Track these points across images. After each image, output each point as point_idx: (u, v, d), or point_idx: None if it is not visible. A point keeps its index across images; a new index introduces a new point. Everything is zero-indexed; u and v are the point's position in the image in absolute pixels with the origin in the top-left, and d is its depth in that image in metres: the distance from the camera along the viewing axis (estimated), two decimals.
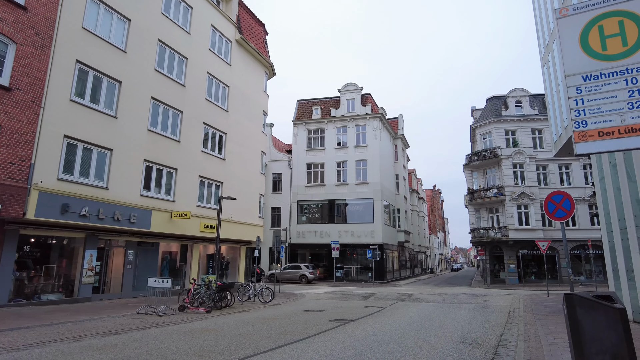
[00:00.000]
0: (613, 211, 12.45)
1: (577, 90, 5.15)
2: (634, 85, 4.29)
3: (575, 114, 4.91)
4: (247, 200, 23.94)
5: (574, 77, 5.16)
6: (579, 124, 4.93)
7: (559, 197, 7.34)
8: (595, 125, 4.58)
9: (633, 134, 4.15)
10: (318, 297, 21.10)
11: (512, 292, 24.67)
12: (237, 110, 23.78)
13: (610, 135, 4.36)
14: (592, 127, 4.63)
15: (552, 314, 13.39)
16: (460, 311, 14.74)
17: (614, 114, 4.39)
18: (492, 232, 33.11)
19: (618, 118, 4.29)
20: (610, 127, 4.39)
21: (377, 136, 37.93)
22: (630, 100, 4.27)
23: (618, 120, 4.29)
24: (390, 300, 19.31)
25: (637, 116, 4.17)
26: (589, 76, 4.83)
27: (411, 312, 14.27)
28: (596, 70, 4.83)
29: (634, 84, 4.30)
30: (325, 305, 16.67)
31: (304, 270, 33.35)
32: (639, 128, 4.13)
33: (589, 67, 4.96)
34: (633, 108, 4.22)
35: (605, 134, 4.43)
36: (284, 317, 12.88)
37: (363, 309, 15.31)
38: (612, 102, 4.48)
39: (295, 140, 40.01)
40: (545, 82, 20.38)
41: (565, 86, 4.97)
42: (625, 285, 11.90)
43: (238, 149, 23.49)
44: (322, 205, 38.09)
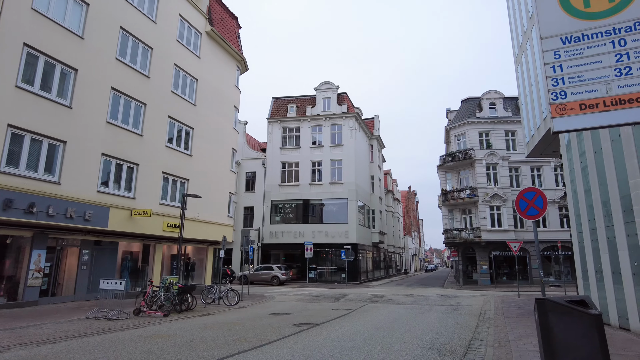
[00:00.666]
0: (583, 212, 12.27)
1: (554, 56, 4.38)
2: (622, 48, 3.71)
3: (552, 83, 4.25)
4: (216, 198, 23.05)
5: (552, 39, 4.44)
6: (557, 95, 4.25)
7: (531, 194, 6.93)
8: (577, 96, 3.93)
9: (621, 106, 3.55)
10: (288, 299, 20.43)
11: (484, 294, 24.60)
12: (206, 104, 22.86)
13: (594, 108, 3.74)
14: (573, 99, 3.97)
15: (522, 315, 13.13)
16: (430, 314, 14.34)
17: (599, 82, 3.78)
18: (465, 233, 33.16)
19: (603, 87, 3.70)
20: (594, 99, 3.77)
21: (353, 136, 37.54)
22: (617, 66, 3.68)
23: (603, 90, 3.69)
24: (361, 302, 18.82)
25: (625, 85, 3.59)
26: (568, 38, 4.16)
27: (380, 315, 13.77)
28: (577, 31, 4.21)
29: (622, 47, 3.71)
30: (293, 308, 16.02)
31: (276, 271, 32.59)
32: (628, 99, 3.52)
33: (569, 28, 4.27)
34: (621, 75, 3.63)
35: (588, 107, 3.79)
36: (246, 321, 12.16)
37: (331, 312, 14.73)
38: (596, 69, 3.84)
39: (269, 138, 39.19)
40: (519, 83, 20.33)
41: (541, 50, 4.38)
42: (594, 286, 11.72)
43: (206, 145, 22.57)
44: (297, 205, 37.39)
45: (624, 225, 9.65)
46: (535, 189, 7.03)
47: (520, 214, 7.11)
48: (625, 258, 9.62)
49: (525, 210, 6.94)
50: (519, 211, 7.08)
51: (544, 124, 16.26)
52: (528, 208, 6.90)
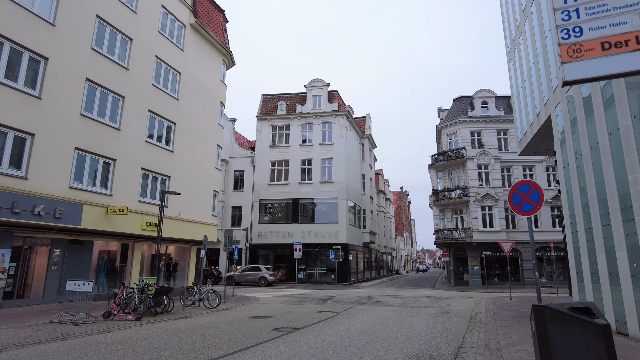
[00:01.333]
0: (578, 211, 11.70)
1: None
2: None
3: (563, 17, 3.15)
4: (199, 197, 22.24)
5: None
6: (569, 33, 3.14)
7: (525, 188, 6.28)
8: (597, 32, 2.89)
9: None
10: (273, 300, 19.71)
11: (475, 295, 24.05)
12: (189, 99, 22.06)
13: (622, 47, 2.79)
14: (592, 36, 2.94)
15: (514, 319, 12.53)
16: (419, 317, 13.70)
17: (628, 11, 2.79)
18: (456, 233, 32.64)
19: (636, 18, 2.71)
20: (621, 34, 2.81)
21: (344, 134, 36.89)
22: None
23: (636, 21, 2.70)
24: (349, 304, 18.15)
25: None
26: None
27: (366, 319, 13.10)
28: None
29: None
30: (276, 311, 15.29)
31: (264, 272, 31.82)
32: None
33: None
34: None
35: (614, 46, 2.81)
36: (222, 325, 11.42)
37: (316, 315, 14.04)
38: None
39: (258, 136, 38.42)
40: (511, 79, 19.81)
41: None
42: (590, 288, 11.15)
43: (189, 141, 21.76)
44: (286, 204, 36.65)
45: (623, 223, 9.07)
46: (530, 182, 6.37)
47: (513, 210, 6.47)
48: (624, 258, 9.04)
49: (519, 205, 6.29)
50: (512, 206, 6.44)
51: (537, 120, 15.72)
52: (522, 203, 6.25)
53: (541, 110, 15.10)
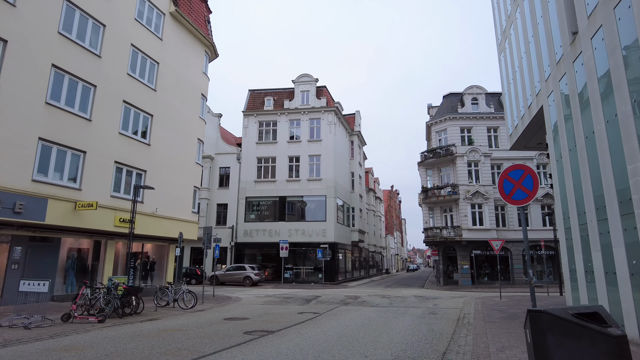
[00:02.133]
0: (572, 205, 11.03)
1: None
2: None
3: None
4: (178, 192, 21.29)
5: None
6: None
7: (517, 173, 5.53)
8: None
9: None
10: (255, 301, 18.86)
11: (464, 295, 23.42)
12: (168, 90, 21.09)
13: None
14: None
15: (504, 320, 11.84)
16: (404, 318, 12.95)
17: None
18: (446, 231, 32.03)
19: None
20: None
21: (332, 130, 36.10)
22: None
23: None
24: (333, 304, 17.37)
25: None
26: None
27: (348, 320, 12.31)
28: None
29: None
30: (255, 312, 14.45)
31: (249, 271, 30.92)
32: None
33: None
34: None
35: None
36: (191, 328, 10.56)
37: (296, 316, 13.23)
38: None
39: (245, 132, 37.45)
40: (502, 71, 19.17)
41: None
42: (584, 287, 10.48)
43: (168, 134, 20.80)
44: (273, 202, 35.77)
45: (620, 218, 8.39)
46: (523, 166, 5.62)
47: (504, 198, 5.72)
48: (622, 256, 8.36)
49: (510, 193, 5.54)
50: (502, 195, 5.70)
51: (528, 112, 15.07)
52: (514, 191, 5.51)
53: (532, 102, 14.45)
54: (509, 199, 5.68)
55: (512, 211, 32.42)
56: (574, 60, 10.33)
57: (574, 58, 10.35)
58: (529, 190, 5.44)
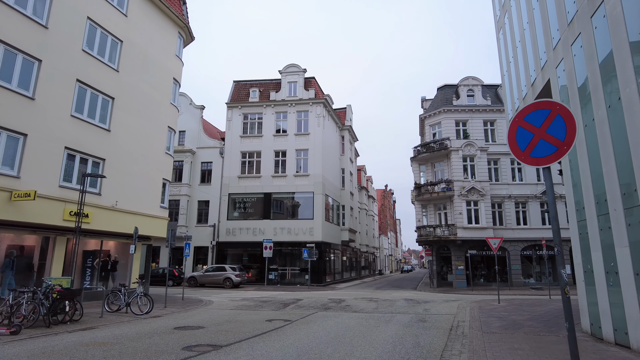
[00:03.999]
0: (588, 193, 9.15)
1: None
2: None
3: None
4: (144, 185, 19.28)
5: None
6: None
7: (539, 116, 3.51)
8: None
9: None
10: (226, 305, 16.91)
11: (459, 298, 21.55)
12: (134, 72, 19.09)
13: None
14: None
15: (505, 330, 9.94)
16: (388, 327, 11.02)
17: None
18: (440, 230, 30.16)
19: None
20: None
21: (321, 124, 34.16)
22: None
23: None
24: (312, 309, 15.44)
25: None
26: None
27: (320, 330, 10.37)
28: None
29: None
30: (217, 319, 12.48)
31: (229, 272, 28.88)
32: None
33: None
34: None
35: None
36: (123, 341, 8.58)
37: (261, 325, 11.28)
38: None
39: (228, 125, 35.43)
40: (501, 50, 17.33)
41: None
42: (603, 291, 8.59)
43: (132, 120, 18.79)
44: (257, 199, 33.75)
45: None
46: (547, 103, 3.60)
47: (518, 157, 3.72)
48: None
49: (528, 148, 3.57)
50: (515, 151, 3.74)
51: (531, 90, 13.21)
52: (534, 143, 3.55)
53: (537, 78, 12.59)
54: (525, 157, 3.70)
55: (510, 209, 30.63)
56: (592, 15, 8.45)
57: (592, 12, 8.47)
58: (558, 140, 3.49)
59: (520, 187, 30.98)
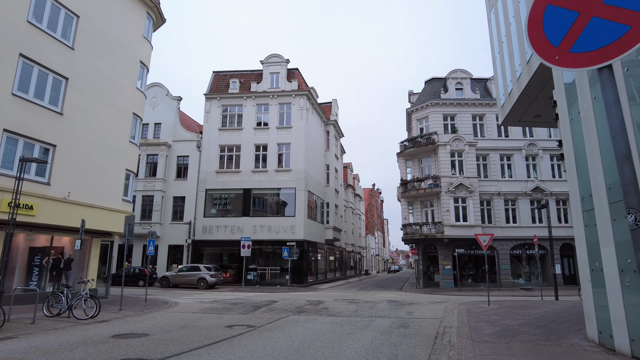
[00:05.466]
0: (598, 176, 7.77)
1: None
2: None
3: None
4: (104, 175, 17.54)
5: None
6: None
7: None
8: None
9: None
10: (191, 308, 15.30)
11: (445, 299, 20.21)
12: (93, 51, 17.34)
13: None
14: None
15: (499, 338, 8.53)
16: (363, 335, 9.54)
17: None
18: (426, 228, 28.85)
19: None
20: None
21: (304, 117, 32.63)
22: None
23: None
24: (284, 312, 13.91)
25: None
26: None
27: (283, 340, 8.84)
28: None
29: None
30: (172, 325, 10.88)
31: (204, 272, 27.17)
32: None
33: None
34: None
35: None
36: (30, 356, 6.94)
37: (219, 332, 9.71)
38: None
39: (207, 117, 33.68)
40: (492, 31, 15.99)
41: None
42: (617, 293, 7.20)
43: (90, 104, 17.04)
44: (236, 195, 32.06)
45: None
46: None
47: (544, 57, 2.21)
48: None
49: (567, 37, 2.09)
50: (540, 47, 2.23)
51: (527, 69, 11.86)
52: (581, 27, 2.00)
53: (533, 54, 11.22)
54: (562, 55, 2.17)
55: (499, 206, 29.48)
56: None
57: None
58: (629, 12, 1.97)
59: (509, 184, 29.86)
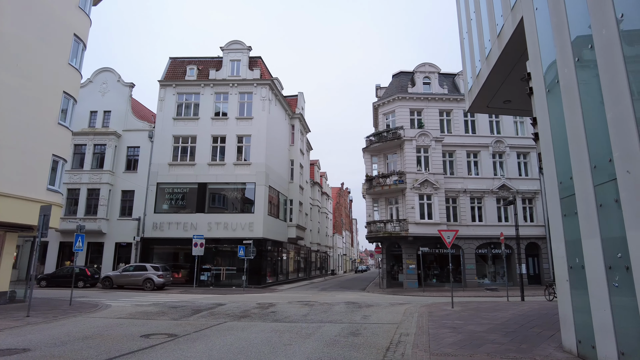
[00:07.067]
0: (580, 154, 6.47)
1: None
2: None
3: None
4: (23, 160, 15.20)
5: None
6: None
7: None
8: None
9: None
10: (119, 313, 13.30)
11: (408, 300, 18.96)
12: (10, 17, 14.99)
13: None
14: None
15: (461, 349, 7.13)
16: (304, 345, 7.94)
17: None
18: (390, 225, 27.66)
19: None
20: None
21: (266, 108, 30.80)
22: None
23: None
24: (224, 317, 12.17)
25: None
26: None
27: (201, 354, 7.11)
28: None
29: None
30: (77, 335, 8.93)
31: (151, 272, 24.91)
32: None
33: None
34: None
35: None
36: None
37: (128, 343, 7.89)
38: None
39: (160, 105, 31.27)
40: (460, 11, 14.78)
41: None
42: (603, 296, 5.90)
43: (8, 78, 14.70)
44: (190, 189, 29.84)
45: None
46: None
47: None
48: None
49: None
50: None
51: (497, 43, 10.61)
52: None
53: (504, 25, 10.00)
54: None
55: (465, 204, 28.67)
56: None
57: None
58: None
59: (476, 182, 29.11)
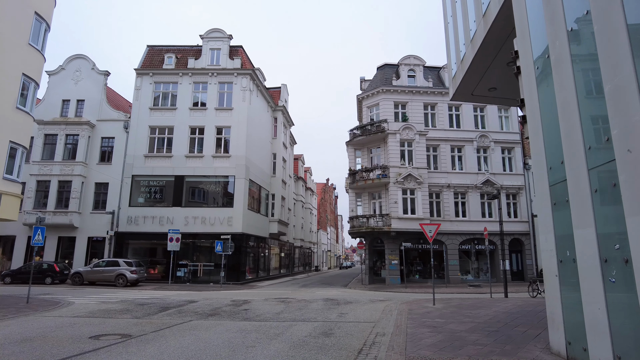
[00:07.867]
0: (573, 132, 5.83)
1: None
2: None
3: None
4: None
5: None
6: None
7: None
8: None
9: None
10: (80, 311, 12.35)
11: (388, 297, 18.35)
12: None
13: None
14: None
15: (440, 351, 6.44)
16: (267, 348, 7.17)
17: None
18: (373, 220, 27.04)
19: None
20: None
21: (247, 98, 29.81)
22: None
23: None
24: (190, 316, 11.32)
25: None
26: None
27: (149, 358, 6.30)
28: None
29: None
30: (18, 337, 8.01)
31: (123, 268, 23.82)
32: None
33: None
34: None
35: None
36: None
37: (70, 346, 7.02)
38: None
39: (137, 94, 29.99)
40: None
41: None
42: (598, 293, 5.26)
43: None
44: (167, 182, 28.72)
45: None
46: None
47: None
48: None
49: None
50: None
51: (483, 24, 9.94)
52: None
53: (490, 2, 9.33)
54: None
55: (449, 199, 28.22)
56: None
57: None
58: None
59: (460, 176, 28.69)
